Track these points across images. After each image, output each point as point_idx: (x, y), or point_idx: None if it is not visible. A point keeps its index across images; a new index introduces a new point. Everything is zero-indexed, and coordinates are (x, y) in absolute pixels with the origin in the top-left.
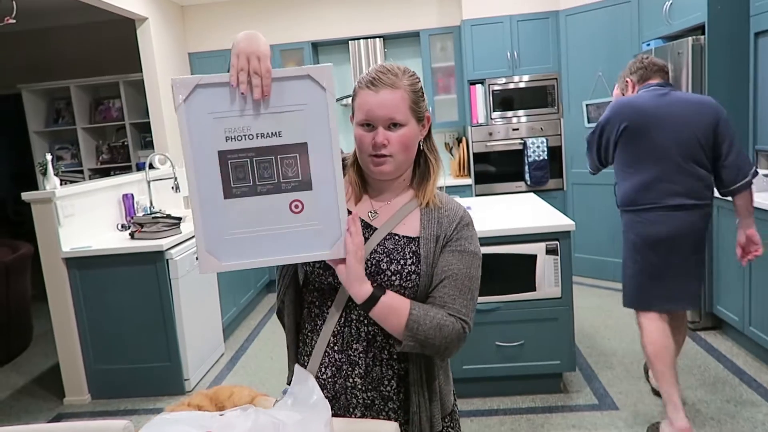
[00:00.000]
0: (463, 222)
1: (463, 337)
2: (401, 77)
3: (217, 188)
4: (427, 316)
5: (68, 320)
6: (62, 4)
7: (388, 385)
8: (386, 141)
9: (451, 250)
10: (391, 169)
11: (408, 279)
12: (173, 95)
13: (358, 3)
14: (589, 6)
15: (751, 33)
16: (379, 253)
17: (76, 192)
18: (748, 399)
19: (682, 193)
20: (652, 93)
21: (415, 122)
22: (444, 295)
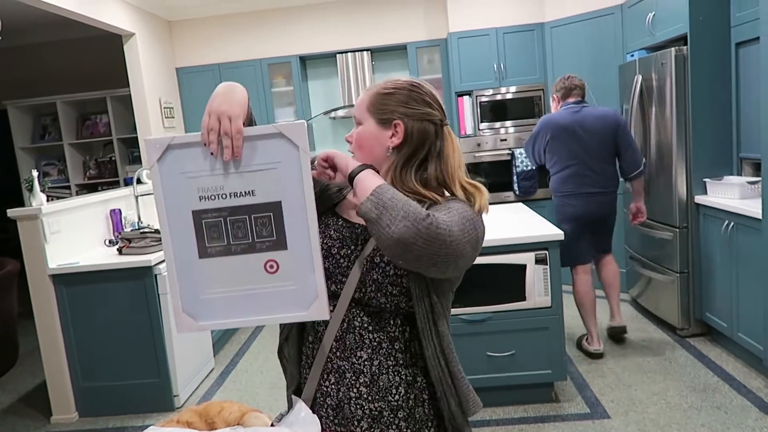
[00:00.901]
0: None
1: (428, 225)
2: (382, 83)
3: (191, 248)
4: (395, 195)
5: (55, 337)
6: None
7: (395, 393)
8: (351, 138)
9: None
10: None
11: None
12: (146, 155)
13: (346, 16)
14: (574, 18)
15: (733, 43)
16: (376, 250)
17: (62, 208)
18: (738, 405)
19: (591, 184)
20: (568, 111)
21: (373, 122)
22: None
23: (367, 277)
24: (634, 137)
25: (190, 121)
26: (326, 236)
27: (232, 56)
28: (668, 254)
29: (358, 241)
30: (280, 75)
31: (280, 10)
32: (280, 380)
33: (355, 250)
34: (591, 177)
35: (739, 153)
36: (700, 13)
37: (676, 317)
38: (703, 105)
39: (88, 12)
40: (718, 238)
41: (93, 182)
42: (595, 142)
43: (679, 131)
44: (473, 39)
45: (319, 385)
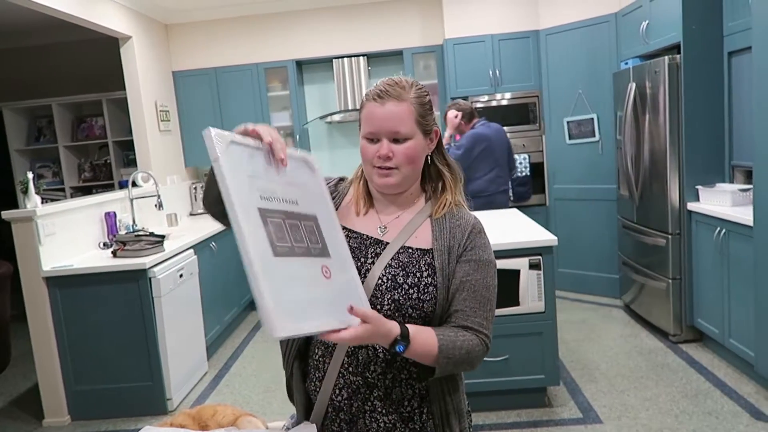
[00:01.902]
0: (476, 230)
1: (485, 353)
2: (408, 90)
3: (265, 245)
4: (455, 346)
5: (48, 340)
6: (45, 23)
7: (408, 405)
8: (391, 153)
9: (467, 260)
10: (396, 181)
11: (426, 291)
12: (208, 146)
13: (342, 22)
14: (569, 26)
15: (725, 52)
16: (395, 267)
17: (57, 210)
18: (729, 410)
19: (503, 183)
20: (484, 126)
21: (421, 135)
22: (465, 308)
23: (387, 295)
24: (628, 144)
25: (186, 125)
26: None
27: (229, 60)
28: (661, 260)
29: (368, 253)
30: (277, 79)
31: (276, 15)
32: (273, 384)
33: (366, 263)
34: (503, 179)
35: (731, 161)
36: (693, 22)
37: (668, 323)
38: (696, 113)
39: (86, 15)
40: (710, 244)
41: (88, 185)
42: (503, 151)
43: (672, 139)
44: (469, 45)
45: (331, 400)
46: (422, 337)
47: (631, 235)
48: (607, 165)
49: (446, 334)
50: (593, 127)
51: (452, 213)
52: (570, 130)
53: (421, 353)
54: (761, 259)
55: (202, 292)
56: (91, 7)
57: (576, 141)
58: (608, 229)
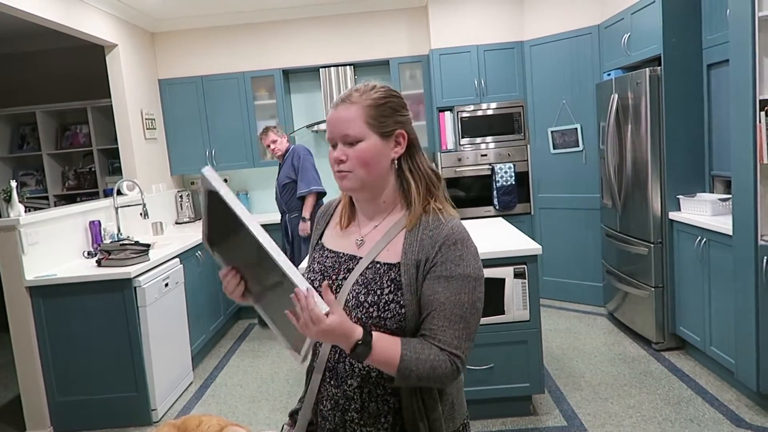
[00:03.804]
0: (449, 242)
1: (456, 373)
2: (363, 93)
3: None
4: (419, 359)
5: (30, 350)
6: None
7: (384, 421)
8: (343, 156)
9: (435, 276)
10: (352, 184)
11: (387, 309)
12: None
13: (329, 31)
14: (553, 37)
15: (704, 64)
16: (359, 285)
17: (41, 219)
18: (710, 417)
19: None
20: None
21: (377, 137)
22: (433, 327)
23: (353, 314)
24: (611, 154)
25: (172, 133)
26: (311, 270)
27: (215, 69)
28: (644, 269)
29: (341, 270)
30: (263, 88)
31: (263, 24)
32: (259, 394)
33: (337, 280)
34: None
35: (711, 170)
36: (673, 35)
37: (651, 331)
38: (677, 124)
39: (71, 22)
40: (691, 253)
41: (72, 193)
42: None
43: (653, 149)
44: (455, 56)
45: (319, 410)
46: (385, 344)
47: (615, 243)
48: (591, 174)
49: (412, 347)
50: (577, 137)
51: (427, 223)
52: (554, 140)
53: (383, 361)
54: (740, 268)
55: (188, 301)
56: (76, 15)
57: (560, 151)
58: (592, 237)
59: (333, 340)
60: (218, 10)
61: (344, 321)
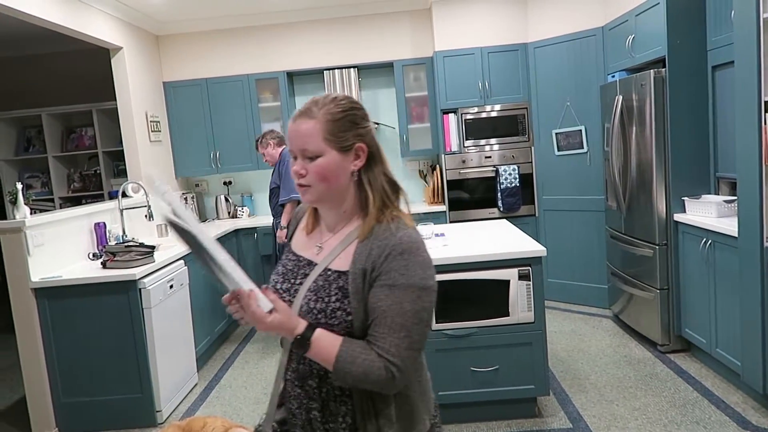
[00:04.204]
0: (396, 251)
1: (391, 381)
2: (322, 107)
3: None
4: (354, 362)
5: (36, 352)
6: (36, 33)
7: (343, 421)
8: (303, 171)
9: (379, 285)
10: (312, 198)
11: (333, 316)
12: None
13: (333, 34)
14: (557, 39)
15: (709, 66)
16: (311, 291)
17: (46, 221)
18: (716, 420)
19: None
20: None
21: (335, 152)
22: (375, 333)
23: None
24: (616, 156)
25: (177, 135)
26: (276, 272)
27: (220, 71)
28: (649, 271)
29: (298, 274)
30: (268, 90)
31: (268, 27)
32: (263, 396)
33: (295, 284)
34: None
35: (716, 172)
36: (678, 36)
37: (656, 333)
38: (682, 125)
39: (77, 26)
40: (696, 255)
41: (77, 195)
42: None
43: (658, 150)
44: (458, 58)
45: (289, 409)
46: (324, 343)
47: (619, 245)
48: (595, 176)
49: (351, 349)
50: (581, 139)
51: (378, 233)
52: (558, 142)
53: (321, 358)
54: (746, 270)
55: (193, 303)
56: (82, 18)
57: (564, 152)
58: (597, 239)
59: (280, 334)
60: (222, 13)
61: (287, 319)
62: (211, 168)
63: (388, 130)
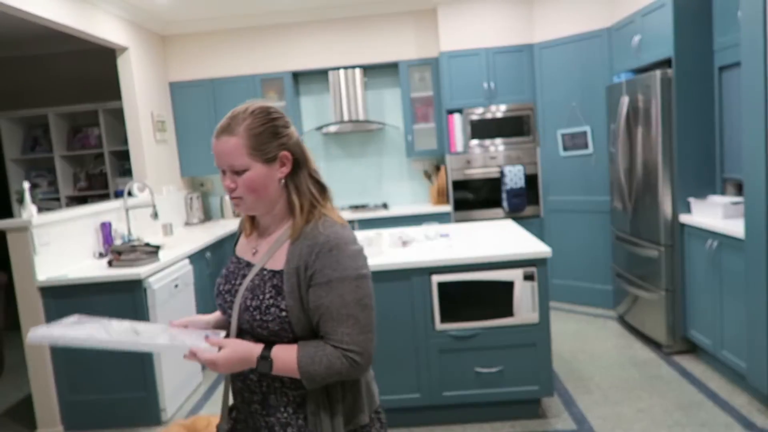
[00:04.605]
0: (325, 249)
1: (356, 366)
2: (241, 122)
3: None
4: (314, 361)
5: (42, 350)
6: (42, 33)
7: (284, 411)
8: (233, 185)
9: (316, 284)
10: (246, 209)
11: (267, 312)
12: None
13: (339, 34)
14: (563, 40)
15: (716, 67)
16: (248, 290)
17: (52, 220)
18: (722, 422)
19: None
20: None
21: (261, 164)
22: (327, 330)
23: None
24: (621, 157)
25: (182, 135)
26: (221, 275)
27: (225, 71)
28: (654, 272)
29: (238, 276)
30: (273, 90)
31: (273, 27)
32: None
33: (236, 284)
34: None
35: (723, 173)
36: (684, 37)
37: (662, 334)
38: (688, 126)
39: (83, 26)
40: (702, 256)
41: (83, 194)
42: None
43: (664, 151)
44: (464, 58)
45: (235, 402)
46: (283, 355)
47: (625, 246)
48: (601, 177)
49: (307, 351)
50: (587, 140)
51: (307, 233)
52: (564, 143)
53: (287, 371)
54: (752, 272)
55: (198, 302)
56: (88, 18)
57: (570, 153)
58: (602, 240)
59: (240, 368)
60: (228, 13)
61: (236, 349)
62: (216, 168)
63: (392, 130)
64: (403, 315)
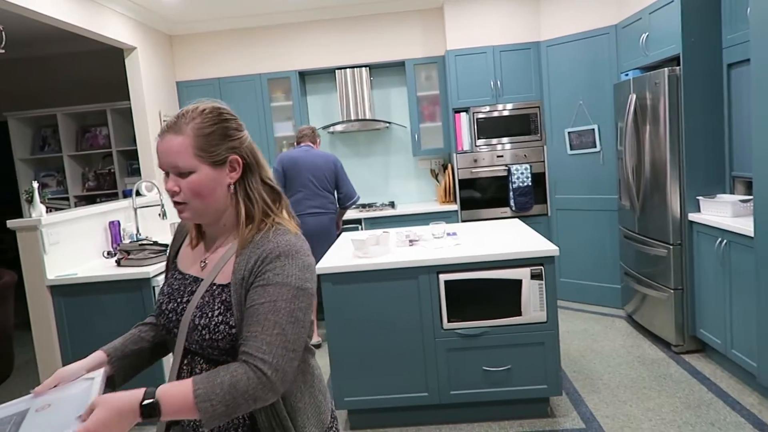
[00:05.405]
0: (272, 255)
1: (266, 383)
2: (190, 121)
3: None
4: (215, 386)
5: (52, 349)
6: (51, 34)
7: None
8: (176, 188)
9: (255, 286)
10: (190, 216)
11: (216, 331)
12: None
13: (345, 33)
14: (569, 37)
15: (724, 64)
16: (197, 308)
17: (62, 219)
18: (732, 421)
19: (315, 206)
20: (301, 149)
21: (209, 167)
22: (248, 333)
23: (192, 336)
24: (629, 155)
25: None
26: (162, 292)
27: (232, 71)
28: (663, 271)
29: (185, 292)
30: (280, 90)
31: (280, 27)
32: None
33: (182, 303)
34: (315, 201)
35: (732, 171)
36: (692, 34)
37: (670, 333)
38: (696, 124)
39: (91, 26)
40: (711, 255)
41: (92, 194)
42: (319, 174)
43: (672, 150)
44: (470, 56)
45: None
46: (174, 392)
47: (633, 245)
48: (608, 175)
49: (204, 377)
50: (594, 138)
51: (257, 242)
52: (571, 141)
53: (180, 409)
54: (762, 270)
55: None
56: (96, 19)
57: (577, 151)
58: (610, 239)
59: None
60: (235, 13)
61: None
62: None
63: (399, 129)
64: (410, 314)
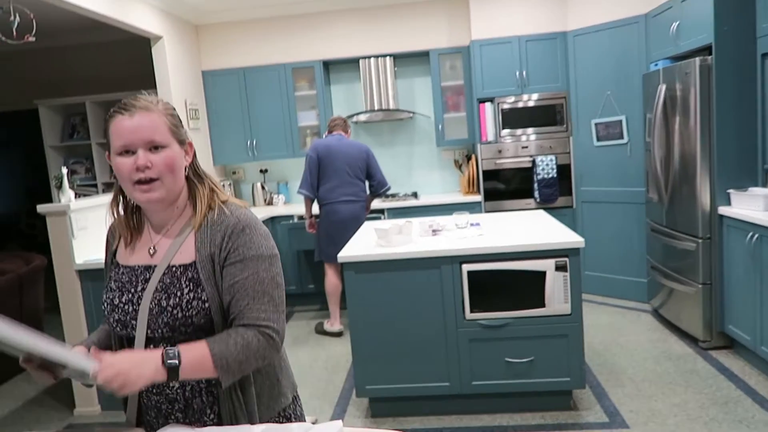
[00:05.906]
0: (237, 229)
1: (272, 342)
2: (156, 103)
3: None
4: (229, 345)
5: (80, 332)
6: (80, 23)
7: (210, 412)
8: (149, 163)
9: (231, 263)
10: (160, 195)
11: (189, 307)
12: None
13: (369, 22)
14: (597, 27)
15: (758, 54)
16: (160, 291)
17: (89, 205)
18: (761, 419)
19: (349, 194)
20: (334, 138)
21: (177, 145)
22: (240, 308)
23: (159, 320)
24: (658, 147)
25: (215, 123)
26: (109, 289)
27: (257, 60)
28: (691, 265)
29: (138, 281)
30: (304, 79)
31: (304, 16)
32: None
33: (136, 292)
34: (348, 189)
35: (764, 164)
36: (725, 23)
37: (698, 329)
38: (728, 115)
39: (118, 15)
40: (741, 249)
41: None
42: (351, 163)
43: (703, 141)
44: (496, 46)
45: (147, 421)
46: (191, 350)
47: (660, 238)
48: (636, 167)
49: (218, 339)
50: (621, 129)
51: (213, 219)
52: (598, 132)
53: (197, 366)
54: None
55: None
56: (123, 8)
57: (604, 143)
58: (636, 232)
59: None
60: (260, 2)
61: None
62: (247, 156)
63: (423, 119)
64: (433, 303)
